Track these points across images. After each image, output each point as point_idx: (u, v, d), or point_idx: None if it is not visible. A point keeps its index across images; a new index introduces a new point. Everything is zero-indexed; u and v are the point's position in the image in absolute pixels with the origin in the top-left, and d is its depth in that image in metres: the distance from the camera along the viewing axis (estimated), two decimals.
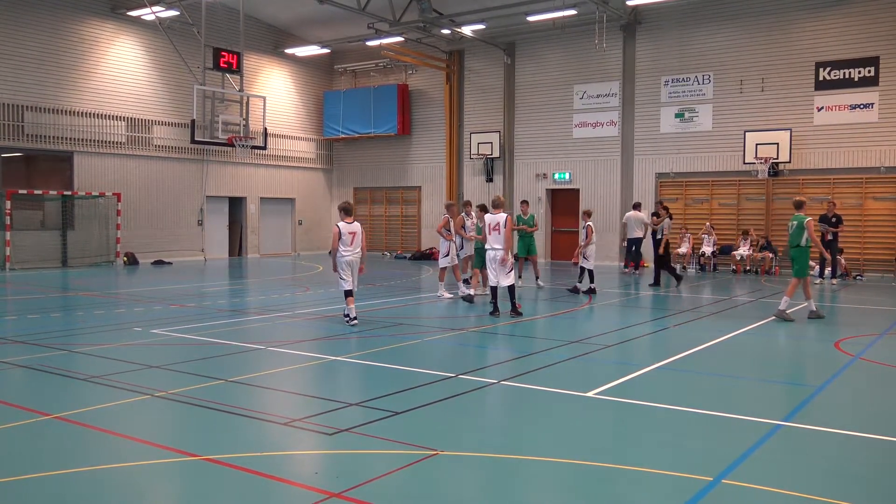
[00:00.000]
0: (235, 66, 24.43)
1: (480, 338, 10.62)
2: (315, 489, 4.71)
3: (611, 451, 5.60)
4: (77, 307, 13.87)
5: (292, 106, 29.26)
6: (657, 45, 23.32)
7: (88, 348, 9.34)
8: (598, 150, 24.48)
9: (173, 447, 5.51)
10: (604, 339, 10.37)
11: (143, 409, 6.67)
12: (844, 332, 11.00)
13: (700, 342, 10.05)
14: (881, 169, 20.17)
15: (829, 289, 17.42)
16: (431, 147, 28.27)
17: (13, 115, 21.28)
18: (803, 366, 9.37)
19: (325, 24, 26.81)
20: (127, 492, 4.76)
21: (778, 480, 4.87)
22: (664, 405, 6.81)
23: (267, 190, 28.32)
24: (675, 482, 4.89)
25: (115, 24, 23.52)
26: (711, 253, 21.68)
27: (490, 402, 7.07)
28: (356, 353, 9.19)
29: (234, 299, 15.21)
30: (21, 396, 7.13)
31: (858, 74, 20.33)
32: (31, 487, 4.74)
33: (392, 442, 5.64)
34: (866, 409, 7.25)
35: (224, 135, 24.27)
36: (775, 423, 6.20)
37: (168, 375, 7.92)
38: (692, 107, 22.75)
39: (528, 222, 17.01)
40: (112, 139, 23.54)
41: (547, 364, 8.61)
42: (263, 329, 11.40)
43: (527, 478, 5.06)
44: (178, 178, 25.44)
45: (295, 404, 7.06)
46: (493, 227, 12.39)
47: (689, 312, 13.28)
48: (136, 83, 24.14)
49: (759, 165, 21.03)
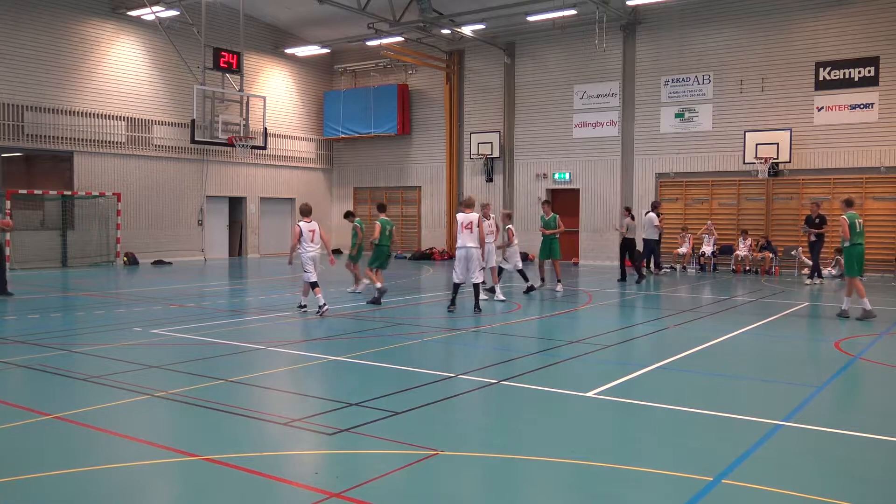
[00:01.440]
0: (235, 66, 24.43)
1: (480, 338, 10.62)
2: (315, 489, 4.71)
3: (611, 451, 5.60)
4: (77, 307, 13.87)
5: (292, 106, 29.26)
6: (657, 45, 23.32)
7: (88, 348, 9.34)
8: (598, 150, 24.48)
9: (173, 447, 5.50)
10: (604, 339, 10.37)
11: (143, 409, 6.67)
12: (844, 332, 11.00)
13: (700, 342, 10.05)
14: (881, 169, 20.18)
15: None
16: (431, 147, 28.27)
17: (13, 115, 21.28)
18: (803, 366, 9.37)
19: (325, 24, 26.82)
20: (127, 492, 4.76)
21: (778, 480, 4.87)
22: (664, 405, 6.81)
23: (267, 190, 28.32)
24: (675, 482, 4.89)
25: (115, 24, 23.52)
26: (711, 253, 21.69)
27: (490, 402, 7.07)
28: (356, 353, 9.19)
29: (234, 299, 15.21)
30: (21, 396, 7.13)
31: (858, 74, 20.33)
32: (31, 487, 4.74)
33: (392, 442, 5.64)
34: (866, 409, 7.25)
35: (224, 135, 24.26)
36: (775, 423, 6.20)
37: (168, 375, 7.92)
38: (692, 107, 22.75)
39: (549, 224, 16.42)
40: (112, 139, 23.54)
41: (547, 364, 8.61)
42: (263, 329, 11.40)
43: (527, 478, 5.06)
44: (178, 178, 25.44)
45: (295, 404, 7.06)
46: (465, 226, 12.70)
47: (689, 312, 13.28)
48: (136, 83, 24.14)
49: (759, 165, 21.03)
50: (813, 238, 18.38)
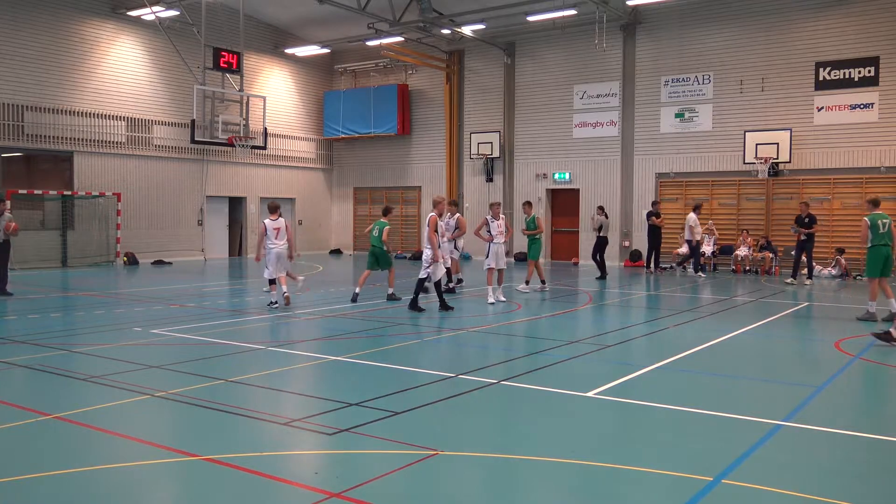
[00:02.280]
0: (235, 66, 24.44)
1: (480, 338, 10.62)
2: (315, 489, 4.71)
3: (611, 451, 5.60)
4: (77, 307, 13.87)
5: (292, 106, 29.26)
6: (657, 45, 23.32)
7: (88, 348, 9.34)
8: (598, 150, 24.48)
9: (173, 447, 5.51)
10: (604, 339, 10.37)
11: (143, 409, 6.67)
12: (844, 332, 11.00)
13: (700, 342, 10.05)
14: (881, 169, 20.17)
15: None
16: (431, 147, 28.27)
17: (13, 115, 21.28)
18: (803, 366, 9.37)
19: (325, 24, 26.81)
20: (127, 492, 4.76)
21: (778, 480, 4.87)
22: (664, 405, 6.81)
23: (267, 190, 28.30)
24: (675, 482, 4.89)
25: (115, 24, 23.52)
26: (712, 253, 21.68)
27: (490, 402, 7.07)
28: (356, 353, 9.19)
29: (234, 299, 15.20)
30: (21, 396, 7.13)
31: (858, 74, 20.33)
32: (31, 487, 4.74)
33: (392, 442, 5.64)
34: (866, 409, 7.26)
35: (224, 135, 24.27)
36: (775, 423, 6.20)
37: (168, 375, 7.92)
38: (692, 107, 22.76)
39: (529, 225, 16.19)
40: (112, 139, 23.53)
41: (547, 364, 8.61)
42: (263, 329, 11.40)
43: (527, 478, 5.06)
44: (178, 178, 25.44)
45: (295, 404, 7.06)
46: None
47: (689, 312, 13.28)
48: (136, 83, 24.14)
49: (759, 165, 21.03)
50: (803, 238, 18.29)
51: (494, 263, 14.11)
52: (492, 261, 14.13)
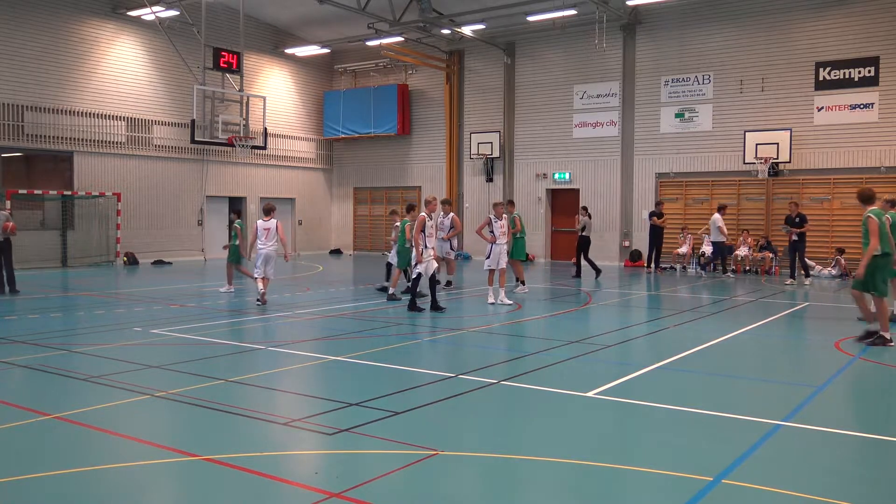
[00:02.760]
0: (235, 66, 24.44)
1: (480, 338, 10.62)
2: (315, 489, 4.71)
3: (611, 451, 5.60)
4: (77, 307, 13.87)
5: (292, 106, 29.26)
6: (657, 45, 23.32)
7: (88, 348, 9.34)
8: (598, 150, 24.48)
9: (173, 447, 5.51)
10: (604, 339, 10.37)
11: (143, 409, 6.67)
12: (844, 332, 10.99)
13: (700, 342, 10.05)
14: (881, 169, 20.17)
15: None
16: (431, 147, 28.27)
17: (13, 115, 21.27)
18: (803, 366, 9.37)
19: (325, 24, 26.82)
20: (127, 492, 4.76)
21: (778, 480, 4.87)
22: (664, 405, 6.81)
23: (267, 190, 28.30)
24: (675, 482, 4.89)
25: (115, 24, 23.51)
26: (712, 253, 21.64)
27: (490, 402, 7.07)
28: (356, 353, 9.19)
29: (234, 299, 15.20)
30: (21, 396, 7.13)
31: (858, 74, 20.33)
32: (31, 487, 4.74)
33: (392, 442, 5.64)
34: (866, 409, 7.25)
35: (224, 135, 24.26)
36: (775, 423, 6.20)
37: (168, 375, 7.92)
38: (692, 107, 22.76)
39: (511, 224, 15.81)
40: (112, 139, 23.53)
41: (547, 364, 8.60)
42: (263, 329, 11.40)
43: (527, 478, 5.06)
44: (178, 178, 25.44)
45: (295, 404, 7.06)
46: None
47: (689, 312, 13.28)
48: (136, 83, 24.14)
49: (759, 165, 21.03)
50: (795, 237, 18.23)
51: (495, 264, 14.06)
52: (493, 262, 14.08)
